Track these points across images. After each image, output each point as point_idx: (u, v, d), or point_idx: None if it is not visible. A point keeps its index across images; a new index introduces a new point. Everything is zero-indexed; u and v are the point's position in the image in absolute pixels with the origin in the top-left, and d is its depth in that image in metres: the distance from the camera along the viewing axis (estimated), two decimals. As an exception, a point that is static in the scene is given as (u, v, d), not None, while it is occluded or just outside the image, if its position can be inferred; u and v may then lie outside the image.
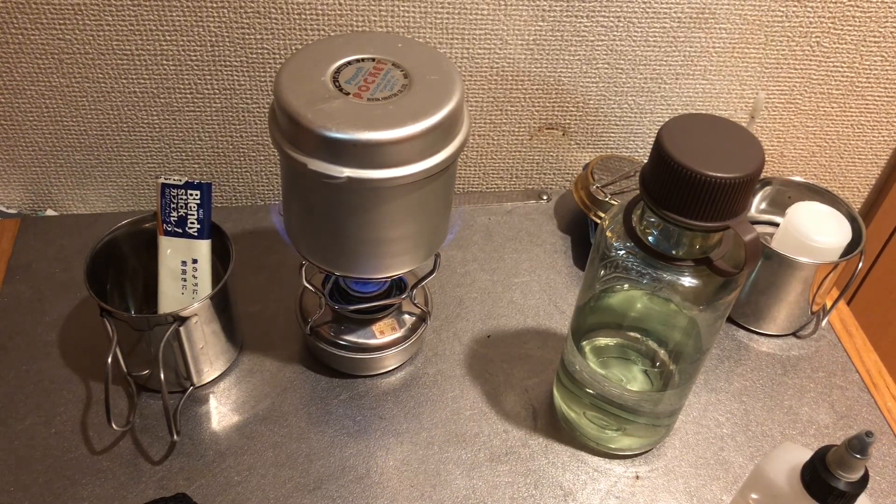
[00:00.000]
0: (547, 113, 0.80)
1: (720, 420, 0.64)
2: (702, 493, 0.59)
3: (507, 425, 0.63)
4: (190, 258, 0.61)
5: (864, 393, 0.67)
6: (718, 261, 0.46)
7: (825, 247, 0.66)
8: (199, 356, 0.61)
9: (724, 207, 0.44)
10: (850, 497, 0.43)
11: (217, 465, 0.58)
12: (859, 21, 0.76)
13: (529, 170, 0.86)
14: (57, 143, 0.76)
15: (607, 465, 0.61)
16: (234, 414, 0.62)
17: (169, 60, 0.71)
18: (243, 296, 0.70)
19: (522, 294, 0.73)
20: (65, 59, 0.70)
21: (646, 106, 0.81)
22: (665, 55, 0.77)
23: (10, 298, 0.69)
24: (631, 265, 0.50)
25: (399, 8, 0.70)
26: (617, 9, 0.73)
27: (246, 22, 0.69)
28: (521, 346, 0.69)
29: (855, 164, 0.89)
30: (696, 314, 0.52)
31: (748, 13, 0.74)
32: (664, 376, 0.58)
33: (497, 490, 0.58)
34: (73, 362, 0.64)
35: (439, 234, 0.58)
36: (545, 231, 0.80)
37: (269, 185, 0.83)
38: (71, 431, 0.60)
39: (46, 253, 0.73)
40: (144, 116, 0.75)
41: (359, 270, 0.55)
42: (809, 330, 0.72)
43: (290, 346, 0.67)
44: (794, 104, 0.82)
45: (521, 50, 0.75)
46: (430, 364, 0.67)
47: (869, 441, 0.41)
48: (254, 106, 0.76)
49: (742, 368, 0.69)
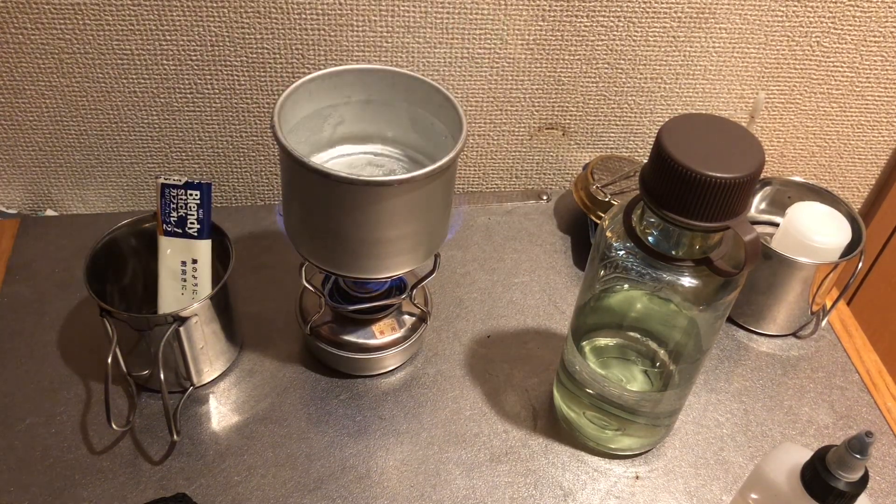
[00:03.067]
0: (547, 113, 0.80)
1: (720, 420, 0.64)
2: (702, 493, 0.59)
3: (507, 425, 0.63)
4: (190, 258, 0.60)
5: (864, 393, 0.67)
6: (718, 261, 0.46)
7: (825, 247, 0.66)
8: (199, 356, 0.61)
9: (724, 207, 0.44)
10: (850, 497, 0.43)
11: (217, 465, 0.58)
12: (859, 21, 0.76)
13: (529, 170, 0.86)
14: (57, 143, 0.76)
15: (607, 465, 0.61)
16: (234, 414, 0.62)
17: (169, 60, 0.71)
18: (243, 296, 0.70)
19: (522, 294, 0.73)
20: (65, 59, 0.70)
21: (646, 106, 0.81)
22: (665, 55, 0.77)
23: (10, 298, 0.69)
24: (631, 265, 0.50)
25: (399, 8, 0.70)
26: (617, 9, 0.73)
27: (246, 22, 0.69)
28: (521, 346, 0.69)
29: (855, 164, 0.89)
30: (696, 314, 0.52)
31: (748, 13, 0.74)
32: (664, 376, 0.58)
33: (497, 490, 0.58)
34: (73, 362, 0.64)
35: (439, 234, 0.58)
36: (545, 231, 0.80)
37: (269, 185, 0.83)
38: (71, 431, 0.60)
39: (46, 253, 0.73)
40: (144, 116, 0.75)
41: (359, 270, 0.55)
42: (809, 330, 0.72)
43: (290, 346, 0.67)
44: (794, 104, 0.82)
45: (521, 50, 0.75)
46: (430, 364, 0.67)
47: (869, 441, 0.41)
48: (254, 106, 0.76)
49: (742, 368, 0.69)
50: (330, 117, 0.59)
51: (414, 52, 0.74)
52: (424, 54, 0.74)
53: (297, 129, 0.57)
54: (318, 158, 0.60)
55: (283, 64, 0.73)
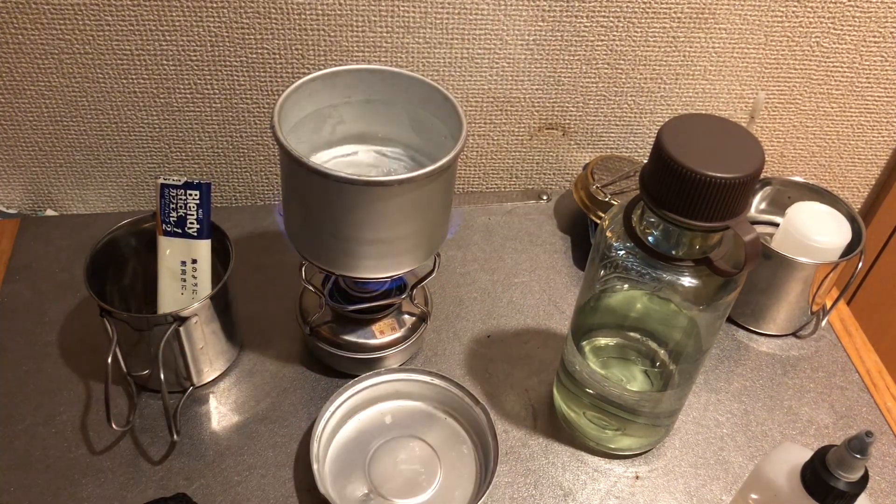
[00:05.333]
0: (547, 113, 0.80)
1: (720, 420, 0.64)
2: (702, 493, 0.59)
3: (507, 425, 0.63)
4: (189, 258, 0.60)
5: (864, 393, 0.67)
6: (718, 261, 0.46)
7: (825, 247, 0.66)
8: (198, 356, 0.61)
9: (724, 207, 0.44)
10: (850, 497, 0.43)
11: (217, 465, 0.58)
12: (859, 21, 0.76)
13: (529, 170, 0.86)
14: (57, 143, 0.76)
15: (607, 465, 0.61)
16: (234, 414, 0.62)
17: (169, 60, 0.71)
18: (243, 296, 0.70)
19: (522, 294, 0.73)
20: (65, 59, 0.70)
21: (646, 106, 0.81)
22: (665, 55, 0.77)
23: (10, 298, 0.69)
24: (631, 265, 0.50)
25: (399, 8, 0.70)
26: (617, 9, 0.73)
27: (246, 22, 0.69)
28: (521, 346, 0.69)
29: (855, 164, 0.89)
30: (696, 314, 0.52)
31: (748, 13, 0.74)
32: (664, 376, 0.58)
33: (497, 490, 0.58)
34: (73, 362, 0.64)
35: (439, 234, 0.58)
36: (545, 231, 0.80)
37: (269, 185, 0.83)
38: (71, 431, 0.60)
39: (46, 253, 0.73)
40: (144, 116, 0.75)
41: (359, 270, 0.55)
42: (809, 330, 0.72)
43: (290, 346, 0.67)
44: (794, 104, 0.82)
45: (521, 50, 0.75)
46: (430, 364, 0.67)
47: (869, 441, 0.41)
48: (254, 106, 0.76)
49: (742, 368, 0.69)
50: (330, 117, 0.59)
51: (414, 52, 0.74)
52: (424, 54, 0.74)
53: (297, 129, 0.57)
54: (318, 158, 0.60)
55: (283, 64, 0.73)
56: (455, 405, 0.61)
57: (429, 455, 0.59)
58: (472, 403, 0.60)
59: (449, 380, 0.61)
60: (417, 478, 0.57)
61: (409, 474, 0.58)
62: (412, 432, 0.60)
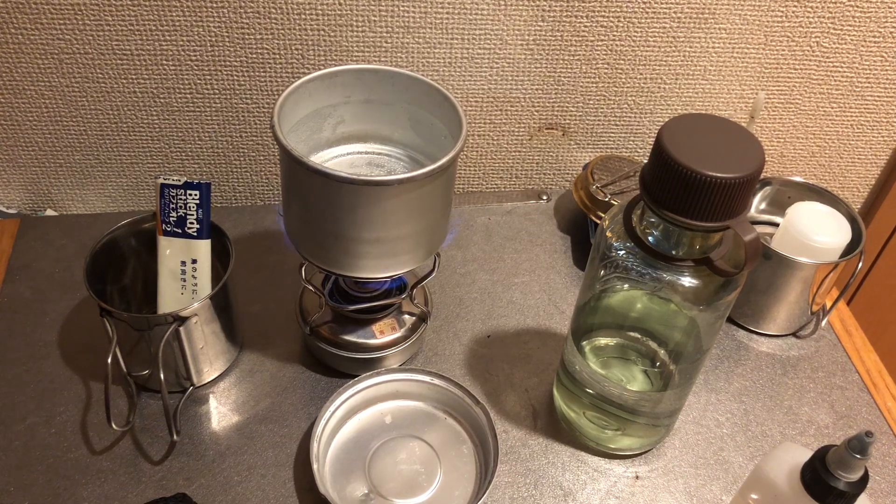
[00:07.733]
0: (547, 113, 0.80)
1: (720, 420, 0.64)
2: (702, 493, 0.59)
3: (507, 425, 0.63)
4: (189, 258, 0.61)
5: (864, 393, 0.67)
6: (718, 261, 0.46)
7: (825, 247, 0.66)
8: (198, 356, 0.61)
9: (724, 207, 0.44)
10: (850, 497, 0.43)
11: (217, 465, 0.58)
12: (859, 21, 0.76)
13: (529, 170, 0.86)
14: (57, 143, 0.76)
15: (607, 465, 0.61)
16: (234, 414, 0.62)
17: (169, 60, 0.71)
18: (243, 296, 0.70)
19: (522, 294, 0.73)
20: (65, 59, 0.70)
21: (646, 106, 0.81)
22: (665, 55, 0.77)
23: (10, 298, 0.69)
24: (631, 265, 0.50)
25: (399, 8, 0.70)
26: (617, 9, 0.73)
27: (246, 22, 0.69)
28: (521, 346, 0.69)
29: (855, 164, 0.89)
30: (696, 314, 0.52)
31: (748, 13, 0.74)
32: (664, 376, 0.58)
33: (497, 490, 0.58)
34: (73, 362, 0.64)
35: (439, 234, 0.58)
36: (545, 231, 0.80)
37: (269, 185, 0.83)
38: (71, 431, 0.60)
39: (46, 253, 0.73)
40: (144, 116, 0.75)
41: (359, 270, 0.55)
42: (809, 330, 0.72)
43: (290, 346, 0.67)
44: (794, 104, 0.82)
45: (521, 50, 0.75)
46: (430, 364, 0.67)
47: (869, 441, 0.41)
48: (254, 106, 0.76)
49: (742, 368, 0.69)
50: (330, 117, 0.59)
51: (414, 52, 0.74)
52: (424, 54, 0.74)
53: (297, 129, 0.57)
54: (318, 158, 0.60)
55: (283, 64, 0.73)
56: (455, 405, 0.61)
57: (429, 455, 0.59)
58: (472, 403, 0.60)
59: (449, 380, 0.61)
60: (417, 478, 0.57)
61: (409, 474, 0.58)
62: (412, 432, 0.60)
